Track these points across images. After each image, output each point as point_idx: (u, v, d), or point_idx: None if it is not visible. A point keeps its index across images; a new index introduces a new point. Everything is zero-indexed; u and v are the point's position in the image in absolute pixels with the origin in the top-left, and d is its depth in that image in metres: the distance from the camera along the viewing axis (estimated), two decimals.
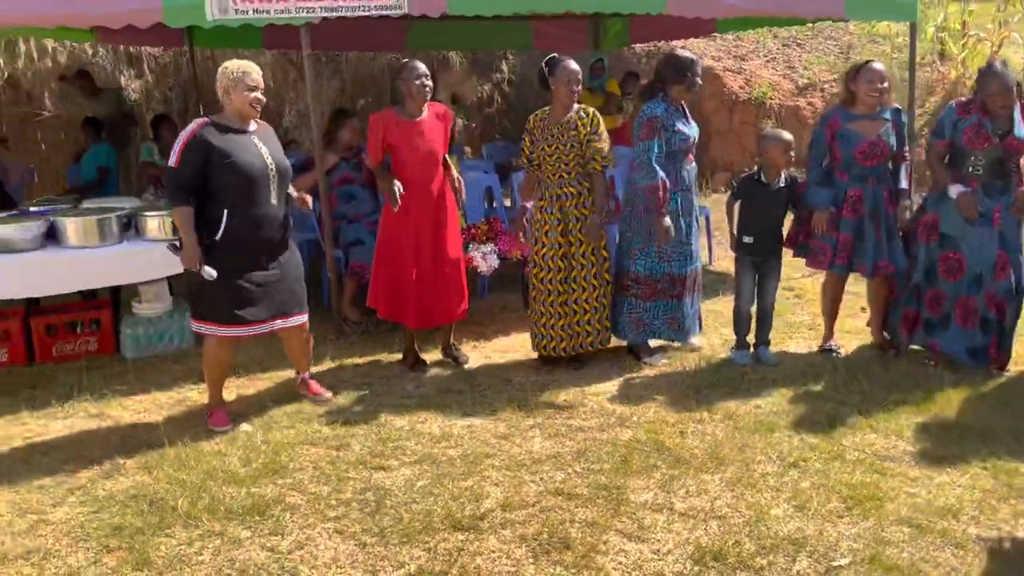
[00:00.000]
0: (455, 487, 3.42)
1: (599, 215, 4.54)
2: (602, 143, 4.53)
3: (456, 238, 4.74)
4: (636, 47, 11.79)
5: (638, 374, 4.68)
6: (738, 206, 4.78)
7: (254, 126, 3.96)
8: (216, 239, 3.81)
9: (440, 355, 4.95)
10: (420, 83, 4.43)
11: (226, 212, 3.81)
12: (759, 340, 4.85)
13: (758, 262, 4.75)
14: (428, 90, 4.49)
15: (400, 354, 4.94)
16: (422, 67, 4.47)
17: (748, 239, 4.71)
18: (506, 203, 7.26)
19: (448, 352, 4.92)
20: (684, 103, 4.73)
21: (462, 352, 4.95)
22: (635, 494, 3.34)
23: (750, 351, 4.84)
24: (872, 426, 3.91)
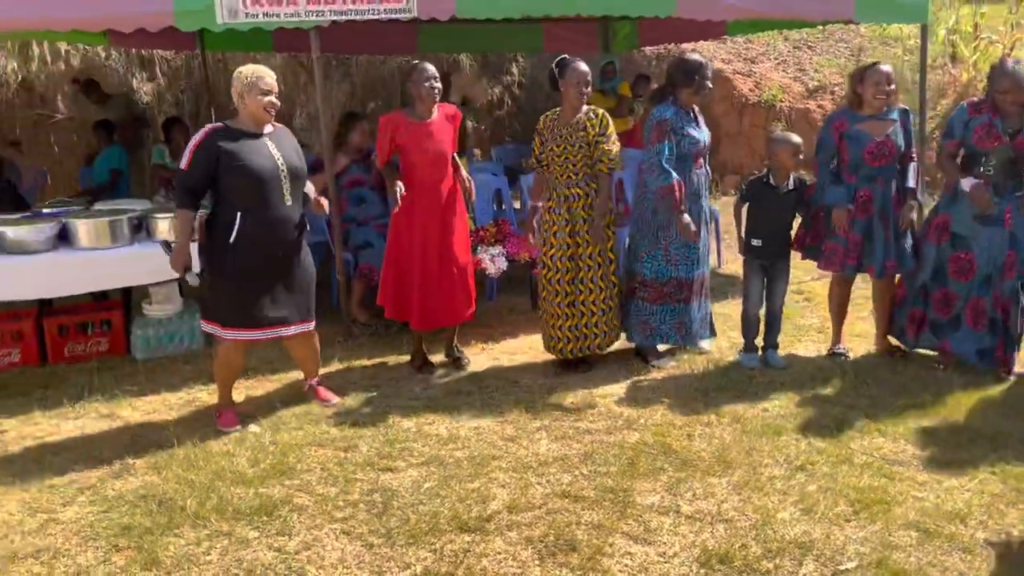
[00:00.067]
0: (462, 489, 3.43)
1: (600, 216, 4.55)
2: (610, 145, 4.54)
3: (464, 240, 4.75)
4: (646, 50, 11.79)
5: (646, 377, 4.69)
6: (746, 209, 4.77)
7: (269, 129, 3.98)
8: (230, 241, 3.84)
9: (443, 357, 4.97)
10: (429, 85, 4.45)
11: (239, 215, 3.84)
12: (767, 343, 4.84)
13: (766, 265, 4.74)
14: (437, 92, 4.50)
15: (408, 356, 4.96)
16: (431, 69, 4.48)
17: (756, 242, 4.70)
18: (515, 205, 7.26)
19: (451, 354, 4.93)
20: (696, 107, 4.74)
21: (464, 355, 4.96)
22: (642, 497, 3.35)
23: (758, 354, 4.83)
24: (880, 430, 3.90)
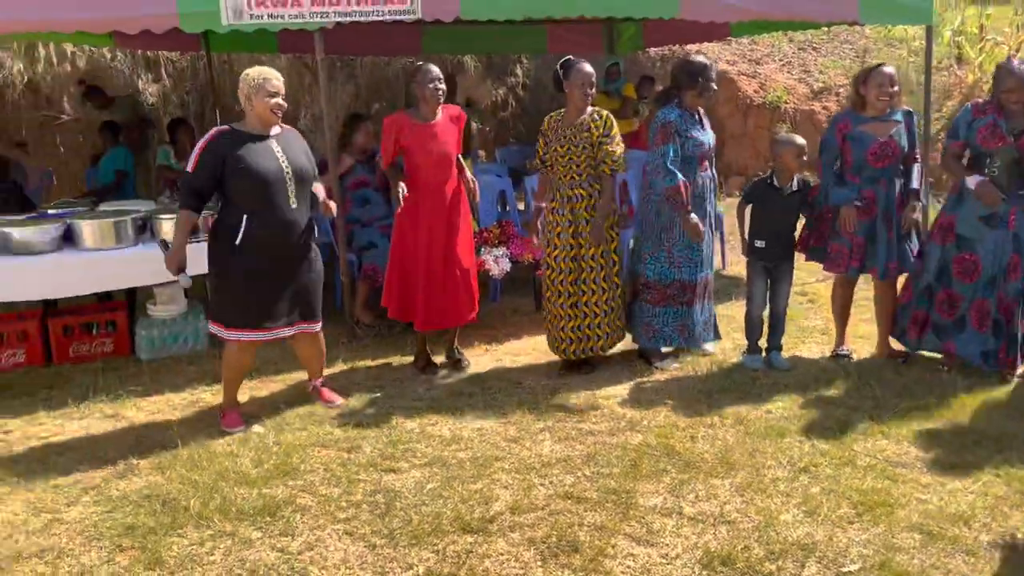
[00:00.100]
0: (464, 490, 3.44)
1: (601, 218, 4.55)
2: (614, 146, 4.54)
3: (468, 242, 4.75)
4: (651, 51, 11.79)
5: (649, 378, 4.68)
6: (750, 210, 4.77)
7: (277, 130, 3.99)
8: (236, 243, 3.86)
9: (443, 359, 4.97)
10: (433, 87, 4.46)
11: (245, 217, 3.86)
12: (771, 345, 4.84)
13: (770, 267, 4.74)
14: (441, 94, 4.51)
15: (411, 357, 4.97)
16: (436, 71, 4.49)
17: (760, 243, 4.69)
18: (519, 207, 7.27)
19: (451, 356, 4.94)
20: (701, 109, 4.73)
21: (464, 356, 4.96)
22: (644, 498, 3.34)
23: (762, 356, 4.82)
24: (884, 432, 3.89)
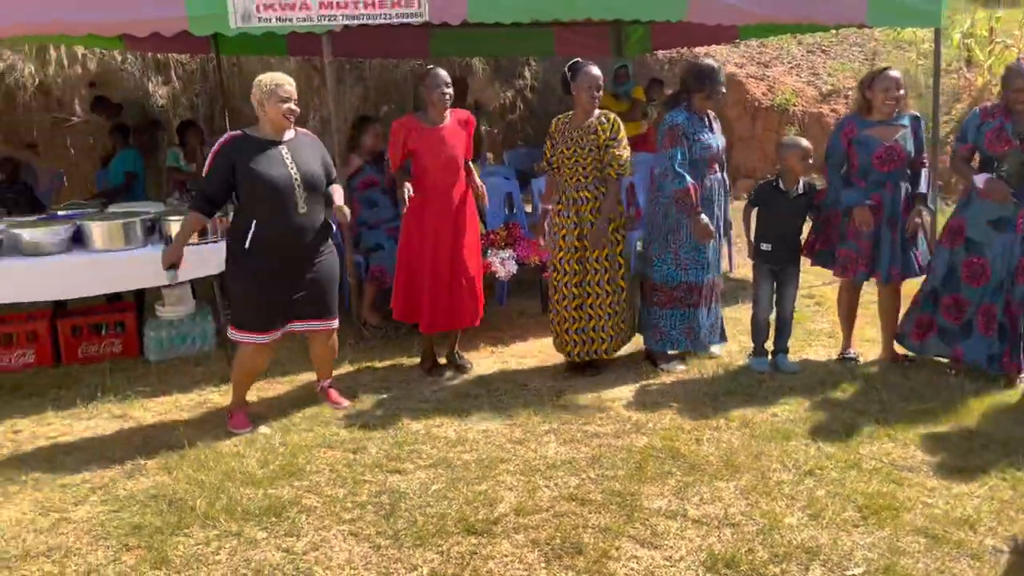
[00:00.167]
0: (469, 491, 3.45)
1: (604, 221, 4.55)
2: (621, 150, 4.54)
3: (475, 246, 4.76)
4: (659, 53, 11.79)
5: (655, 381, 4.68)
6: (756, 213, 4.76)
7: (291, 135, 4.02)
8: (245, 247, 3.90)
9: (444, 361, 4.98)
10: (440, 91, 4.48)
11: (254, 222, 3.90)
12: (778, 348, 4.83)
13: (776, 270, 4.73)
14: (449, 98, 4.53)
15: (418, 358, 4.98)
16: (444, 76, 4.51)
17: (766, 246, 4.69)
18: (527, 209, 7.28)
19: (452, 359, 4.95)
20: (711, 112, 4.73)
21: (466, 360, 4.97)
22: (649, 500, 3.35)
23: (768, 358, 4.82)
24: (890, 435, 3.89)
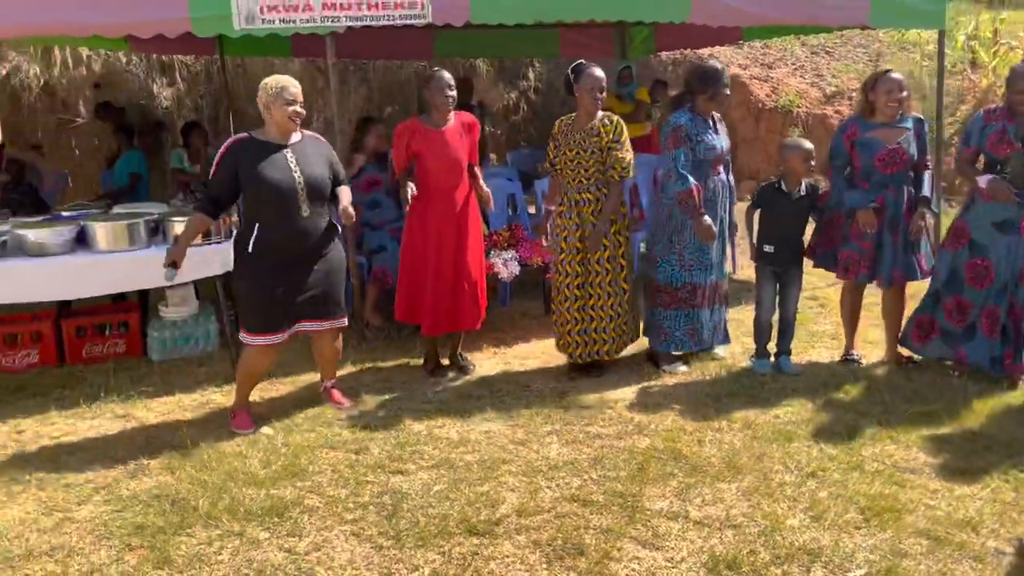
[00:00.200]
0: (471, 492, 3.45)
1: (604, 223, 4.55)
2: (623, 152, 4.54)
3: (478, 249, 4.77)
4: (662, 55, 11.78)
5: (657, 382, 4.68)
6: (759, 215, 4.76)
7: (297, 137, 4.04)
8: (249, 250, 3.93)
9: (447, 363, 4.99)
10: (444, 94, 4.49)
11: (257, 225, 3.93)
12: (780, 349, 4.82)
13: (779, 271, 4.73)
14: (452, 101, 4.54)
15: (420, 360, 4.98)
16: (448, 78, 4.52)
17: (769, 248, 4.69)
18: (530, 210, 7.28)
19: (455, 361, 4.95)
20: (716, 114, 4.73)
21: (469, 361, 4.98)
22: (651, 502, 3.35)
23: (770, 360, 4.81)
24: (892, 437, 3.88)
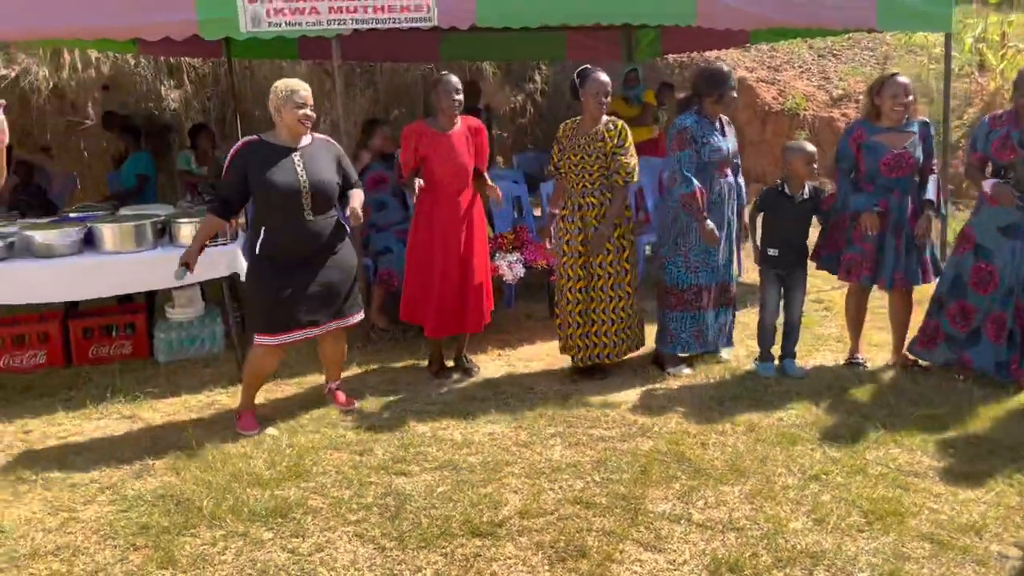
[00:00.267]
0: (474, 493, 3.46)
1: (608, 227, 4.56)
2: (628, 157, 4.54)
3: (484, 252, 4.78)
4: (669, 58, 11.78)
5: (661, 385, 4.68)
6: (762, 218, 4.76)
7: (307, 140, 4.07)
8: (257, 252, 3.99)
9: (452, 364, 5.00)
10: (451, 98, 4.51)
11: (264, 228, 3.97)
12: (785, 352, 4.82)
13: (783, 275, 4.72)
14: (458, 105, 4.56)
15: (425, 361, 5.00)
16: (455, 82, 4.54)
17: (773, 251, 4.68)
18: (536, 213, 7.29)
19: (460, 363, 4.96)
20: (723, 116, 4.73)
21: (474, 364, 4.99)
22: (653, 504, 3.35)
23: (774, 363, 4.81)
24: (897, 441, 3.87)
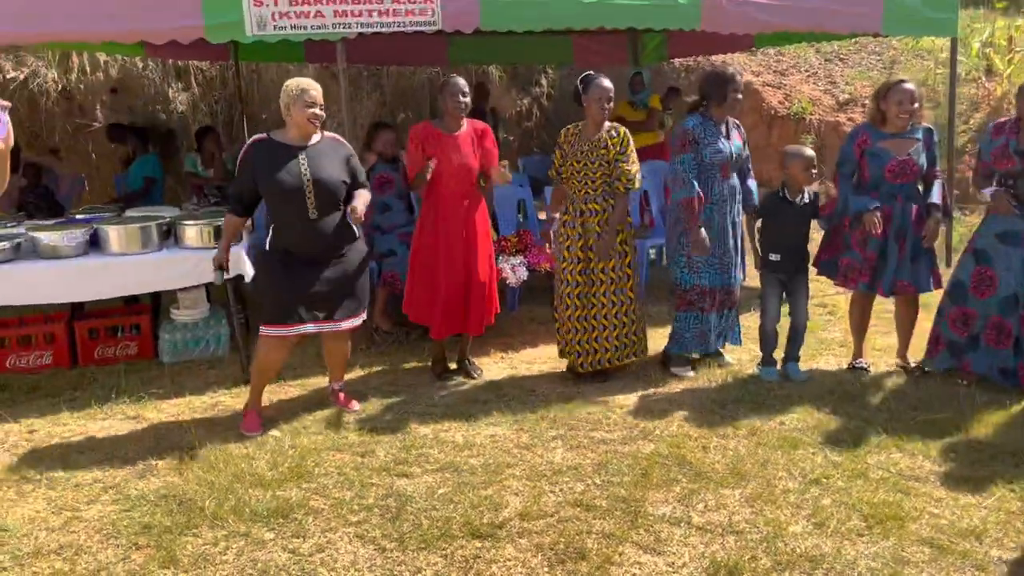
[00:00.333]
0: (475, 495, 3.47)
1: (611, 234, 4.56)
2: (630, 164, 4.55)
3: (487, 255, 4.80)
4: (675, 62, 11.79)
5: (663, 388, 4.69)
6: (762, 224, 4.75)
7: (316, 139, 4.10)
8: (265, 248, 4.09)
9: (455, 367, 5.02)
10: (457, 100, 4.55)
11: (273, 224, 4.06)
12: (788, 356, 4.81)
13: (785, 280, 4.72)
14: (465, 107, 4.59)
15: (429, 363, 5.01)
16: (462, 85, 4.57)
17: (774, 256, 4.68)
18: (540, 216, 7.30)
19: (463, 365, 4.98)
20: (731, 119, 4.73)
21: (476, 366, 5.00)
22: (653, 507, 3.35)
23: (776, 368, 4.81)
24: (898, 445, 3.87)
